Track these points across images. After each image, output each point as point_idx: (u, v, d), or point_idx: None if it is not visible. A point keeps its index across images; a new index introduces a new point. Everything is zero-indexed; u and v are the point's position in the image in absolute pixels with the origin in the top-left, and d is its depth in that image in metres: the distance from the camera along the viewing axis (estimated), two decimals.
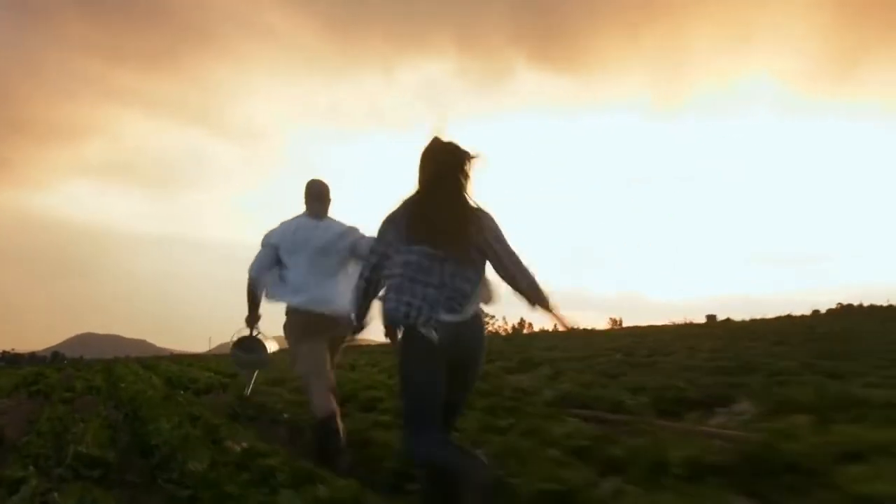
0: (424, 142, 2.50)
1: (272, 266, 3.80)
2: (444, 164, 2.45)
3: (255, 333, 4.18)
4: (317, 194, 3.88)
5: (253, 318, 4.08)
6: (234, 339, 4.24)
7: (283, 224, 3.86)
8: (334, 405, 3.61)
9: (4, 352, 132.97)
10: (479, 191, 2.48)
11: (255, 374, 4.96)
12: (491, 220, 2.47)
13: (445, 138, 2.48)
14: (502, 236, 2.47)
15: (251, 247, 3.96)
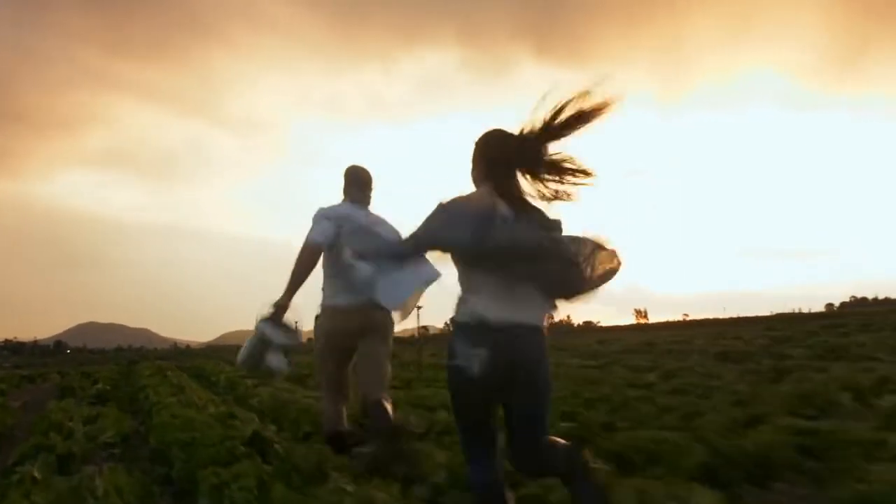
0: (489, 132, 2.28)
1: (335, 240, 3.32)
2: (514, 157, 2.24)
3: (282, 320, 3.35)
4: (362, 182, 3.60)
5: (288, 300, 3.32)
6: (263, 315, 3.27)
7: (331, 207, 3.48)
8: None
9: (6, 340, 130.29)
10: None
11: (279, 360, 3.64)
12: None
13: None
14: None
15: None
